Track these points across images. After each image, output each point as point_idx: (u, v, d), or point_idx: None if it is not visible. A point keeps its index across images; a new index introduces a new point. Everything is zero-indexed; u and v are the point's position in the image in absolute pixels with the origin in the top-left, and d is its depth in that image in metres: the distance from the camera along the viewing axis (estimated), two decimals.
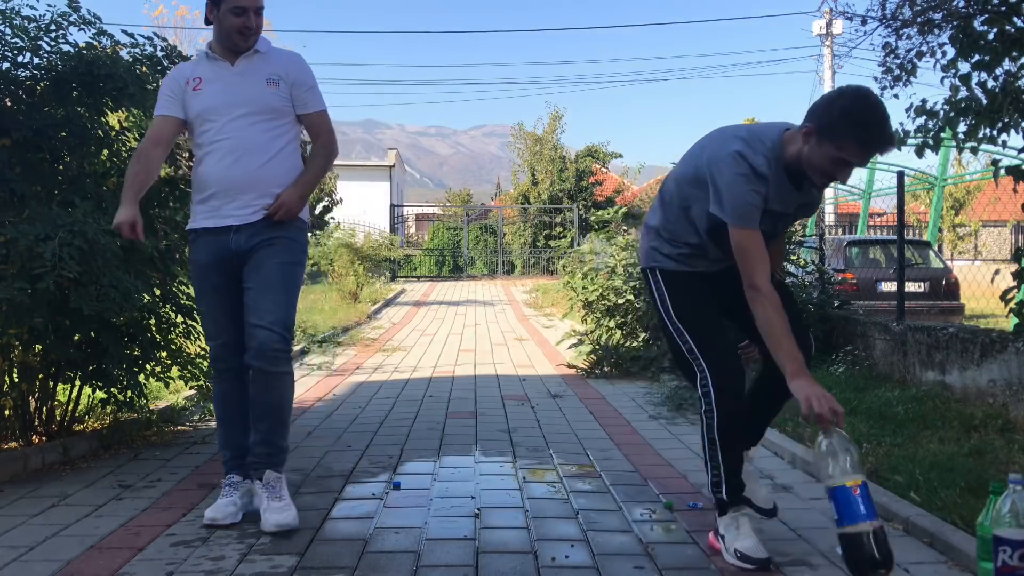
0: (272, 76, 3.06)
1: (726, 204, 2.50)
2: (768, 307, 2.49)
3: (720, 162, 2.53)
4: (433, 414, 5.22)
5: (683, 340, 2.70)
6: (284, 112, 3.08)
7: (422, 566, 2.61)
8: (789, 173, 2.55)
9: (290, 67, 3.11)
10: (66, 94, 3.91)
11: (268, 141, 3.03)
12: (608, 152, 26.72)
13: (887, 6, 4.50)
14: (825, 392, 2.42)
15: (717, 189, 2.52)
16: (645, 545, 2.80)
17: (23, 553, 2.72)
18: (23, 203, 3.59)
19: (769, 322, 2.49)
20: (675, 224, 2.74)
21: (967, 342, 4.93)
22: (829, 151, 2.42)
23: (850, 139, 2.38)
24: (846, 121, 2.38)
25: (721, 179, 2.51)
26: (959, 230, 24.74)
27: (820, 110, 2.45)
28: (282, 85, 3.06)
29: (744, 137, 2.55)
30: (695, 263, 2.75)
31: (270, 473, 2.99)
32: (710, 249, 2.70)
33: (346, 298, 14.31)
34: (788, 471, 3.78)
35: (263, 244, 3.03)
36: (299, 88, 3.10)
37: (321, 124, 3.17)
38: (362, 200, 27.02)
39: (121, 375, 4.12)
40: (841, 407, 2.41)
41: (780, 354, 2.48)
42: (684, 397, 5.51)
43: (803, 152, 2.48)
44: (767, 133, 2.57)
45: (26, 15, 3.85)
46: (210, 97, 3.03)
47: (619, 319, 7.76)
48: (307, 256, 3.20)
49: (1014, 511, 2.23)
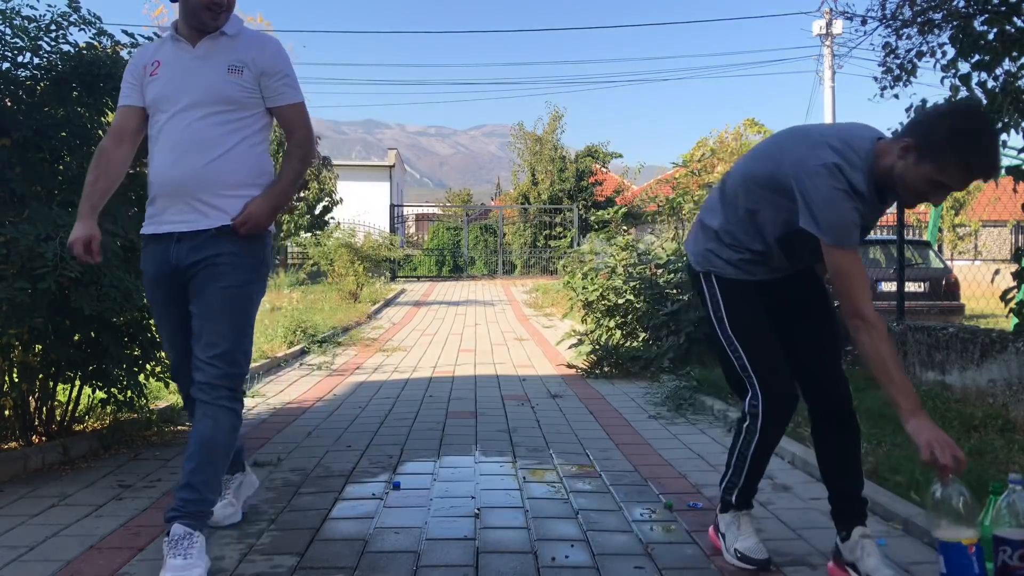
0: (236, 63, 2.64)
1: (822, 221, 2.24)
2: (876, 337, 2.23)
3: (813, 174, 2.26)
4: (433, 414, 5.22)
5: (736, 355, 2.53)
6: (246, 104, 2.65)
7: (422, 566, 2.61)
8: (876, 186, 2.32)
9: (259, 52, 2.67)
10: (66, 94, 3.91)
11: (220, 136, 2.61)
12: (608, 152, 26.75)
13: (887, 6, 4.50)
14: (947, 436, 2.16)
15: (809, 203, 2.26)
16: (645, 545, 2.80)
17: (23, 553, 2.72)
18: (23, 203, 3.59)
19: (877, 353, 2.23)
20: (738, 227, 2.52)
21: (967, 342, 4.93)
22: (928, 172, 2.18)
23: (955, 162, 2.15)
24: (954, 143, 2.14)
25: (816, 193, 2.25)
26: (959, 230, 24.72)
27: (924, 126, 2.21)
28: (246, 73, 2.64)
29: (837, 147, 2.28)
30: (755, 270, 2.55)
31: (178, 527, 2.45)
32: (775, 257, 2.50)
33: (346, 298, 14.32)
34: (788, 471, 3.78)
35: (206, 263, 2.60)
36: (269, 76, 2.67)
37: (295, 118, 2.75)
38: (362, 200, 27.01)
39: (121, 375, 4.12)
40: (963, 453, 2.15)
41: (892, 389, 2.22)
42: (684, 397, 5.51)
43: (896, 167, 2.24)
44: (858, 142, 2.31)
45: (26, 15, 3.85)
46: (163, 84, 2.65)
47: (619, 319, 7.77)
48: (267, 266, 2.76)
49: (1014, 511, 2.23)
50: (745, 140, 23.66)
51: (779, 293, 2.58)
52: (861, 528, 2.48)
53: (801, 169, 2.29)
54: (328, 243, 15.61)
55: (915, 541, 2.81)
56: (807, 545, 2.80)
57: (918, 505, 3.02)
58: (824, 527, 2.91)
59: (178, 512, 2.47)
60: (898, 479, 3.32)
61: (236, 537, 2.87)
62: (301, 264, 18.47)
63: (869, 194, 2.29)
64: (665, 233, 13.00)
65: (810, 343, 2.58)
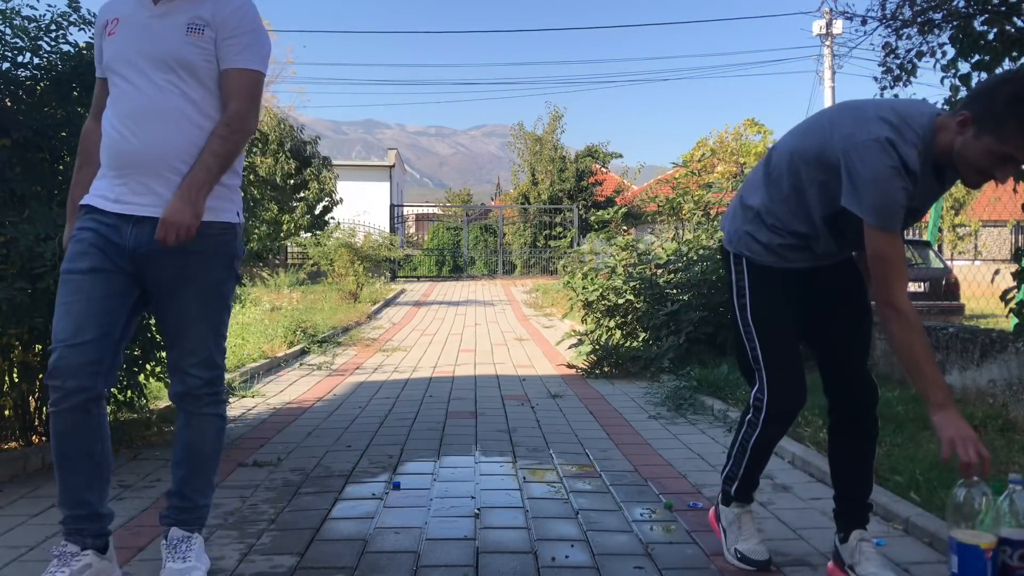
0: (196, 21, 2.34)
1: (866, 200, 2.13)
2: (908, 328, 2.15)
3: (862, 147, 2.12)
4: (433, 414, 5.22)
5: (751, 344, 2.45)
6: (203, 70, 2.35)
7: (422, 566, 2.61)
8: (935, 166, 2.19)
9: (222, 9, 2.36)
10: (66, 94, 3.90)
11: (178, 107, 2.32)
12: (608, 152, 26.78)
13: (887, 6, 4.50)
14: (972, 433, 2.08)
15: (854, 178, 2.14)
16: (645, 545, 2.80)
17: (23, 553, 2.72)
18: (23, 203, 3.59)
19: (909, 346, 2.15)
20: (781, 207, 2.37)
21: (967, 342, 4.93)
22: (989, 144, 2.05)
23: (1018, 130, 2.01)
24: (1014, 110, 2.00)
25: (863, 168, 2.12)
26: (959, 230, 24.72)
27: (981, 95, 2.09)
28: (206, 32, 2.34)
29: (891, 121, 2.14)
30: (794, 257, 2.41)
31: (176, 531, 2.41)
32: (822, 241, 2.36)
33: (346, 298, 14.32)
34: (788, 471, 3.78)
35: (174, 262, 2.32)
36: (225, 34, 2.35)
37: (236, 87, 2.36)
38: (362, 200, 27.01)
39: (121, 375, 4.11)
40: (987, 451, 2.07)
41: (923, 382, 2.14)
42: (684, 397, 5.51)
43: (956, 144, 2.11)
44: (916, 117, 2.16)
45: (26, 15, 3.85)
46: (118, 43, 2.37)
47: (619, 319, 7.77)
48: (238, 258, 2.49)
49: (1014, 511, 2.23)
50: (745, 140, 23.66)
51: (818, 282, 2.47)
52: (859, 532, 2.45)
53: (850, 143, 2.15)
54: (328, 243, 15.61)
55: (915, 541, 2.81)
56: (807, 545, 2.80)
57: (918, 505, 3.03)
58: (824, 527, 2.91)
59: (172, 519, 2.42)
60: (898, 479, 3.32)
61: (236, 537, 2.87)
62: (301, 264, 18.47)
63: (924, 174, 2.16)
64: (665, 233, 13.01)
65: (843, 340, 2.49)
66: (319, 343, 8.79)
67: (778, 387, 2.43)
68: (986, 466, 2.06)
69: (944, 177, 2.23)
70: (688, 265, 7.38)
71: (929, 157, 2.16)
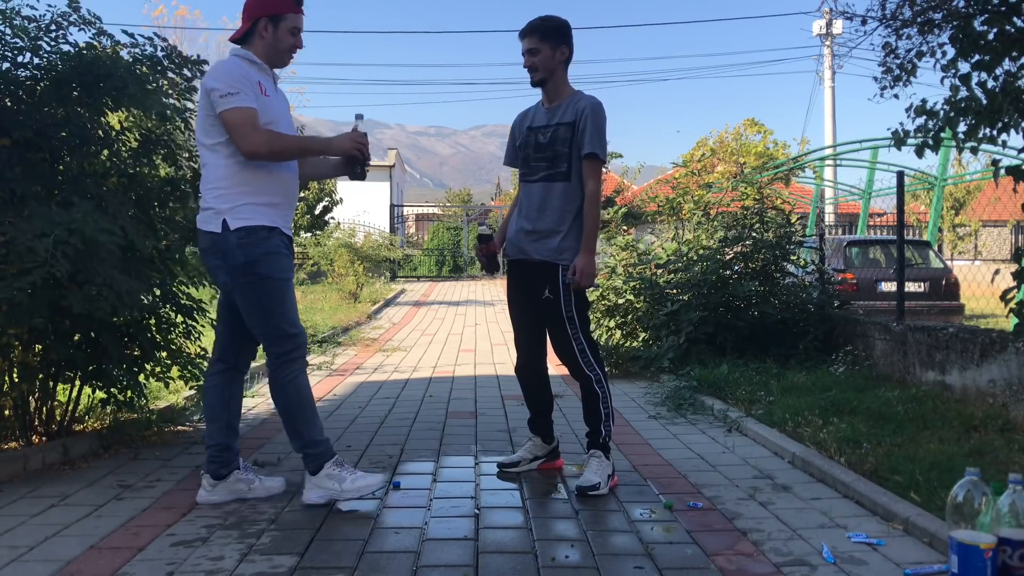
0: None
1: None
2: None
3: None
4: (433, 414, 5.22)
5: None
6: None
7: (422, 566, 2.61)
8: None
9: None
10: (66, 94, 3.90)
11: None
12: (608, 152, 26.76)
13: (887, 6, 4.50)
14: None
15: None
16: (645, 545, 2.80)
17: (23, 553, 2.72)
18: (23, 203, 3.59)
19: None
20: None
21: (967, 342, 4.93)
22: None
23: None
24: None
25: None
26: (959, 230, 24.75)
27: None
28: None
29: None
30: None
31: (324, 468, 3.26)
32: None
33: (346, 298, 14.32)
34: (788, 471, 3.77)
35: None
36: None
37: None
38: (362, 200, 26.99)
39: (121, 375, 4.12)
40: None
41: None
42: (684, 397, 5.51)
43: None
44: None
45: (26, 15, 3.85)
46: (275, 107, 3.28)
47: (619, 319, 7.77)
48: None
49: (1014, 511, 2.23)
50: (745, 140, 23.65)
51: None
52: None
53: None
54: (328, 243, 15.62)
55: (915, 541, 2.81)
56: (807, 545, 2.79)
57: (918, 505, 3.02)
58: (824, 527, 2.91)
59: (313, 465, 3.24)
60: (898, 479, 3.32)
61: (236, 537, 2.87)
62: (301, 264, 18.47)
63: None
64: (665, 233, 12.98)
65: None
66: (319, 343, 8.78)
67: None
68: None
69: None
70: (688, 265, 7.38)
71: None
